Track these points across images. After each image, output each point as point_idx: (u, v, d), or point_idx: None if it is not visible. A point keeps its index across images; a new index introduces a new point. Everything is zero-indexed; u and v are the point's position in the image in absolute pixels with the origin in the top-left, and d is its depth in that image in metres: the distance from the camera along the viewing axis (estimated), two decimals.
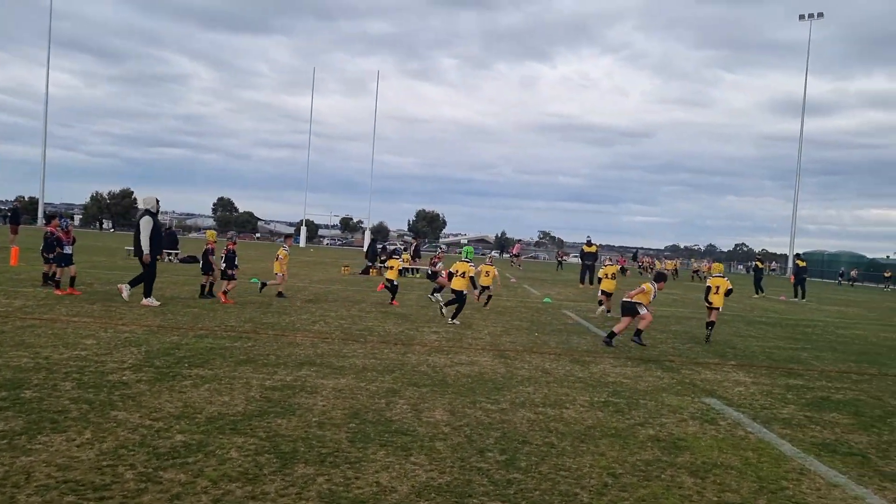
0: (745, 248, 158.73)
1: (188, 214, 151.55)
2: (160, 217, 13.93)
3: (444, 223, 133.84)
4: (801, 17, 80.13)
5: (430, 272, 18.73)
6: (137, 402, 6.12)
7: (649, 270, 52.14)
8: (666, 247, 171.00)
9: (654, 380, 8.89)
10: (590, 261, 29.91)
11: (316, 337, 10.55)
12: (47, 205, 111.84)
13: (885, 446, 6.38)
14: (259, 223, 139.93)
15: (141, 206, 13.71)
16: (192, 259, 28.51)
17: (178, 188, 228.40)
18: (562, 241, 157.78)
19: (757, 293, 31.44)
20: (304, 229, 79.29)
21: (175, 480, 4.33)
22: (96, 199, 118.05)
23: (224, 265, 15.07)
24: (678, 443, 6.00)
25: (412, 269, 29.03)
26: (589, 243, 30.25)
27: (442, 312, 14.08)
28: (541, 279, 35.35)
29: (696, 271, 52.97)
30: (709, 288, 13.74)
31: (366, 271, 28.71)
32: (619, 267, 18.09)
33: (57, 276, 14.60)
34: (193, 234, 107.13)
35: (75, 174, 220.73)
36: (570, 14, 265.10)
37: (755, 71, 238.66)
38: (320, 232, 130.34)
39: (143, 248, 13.13)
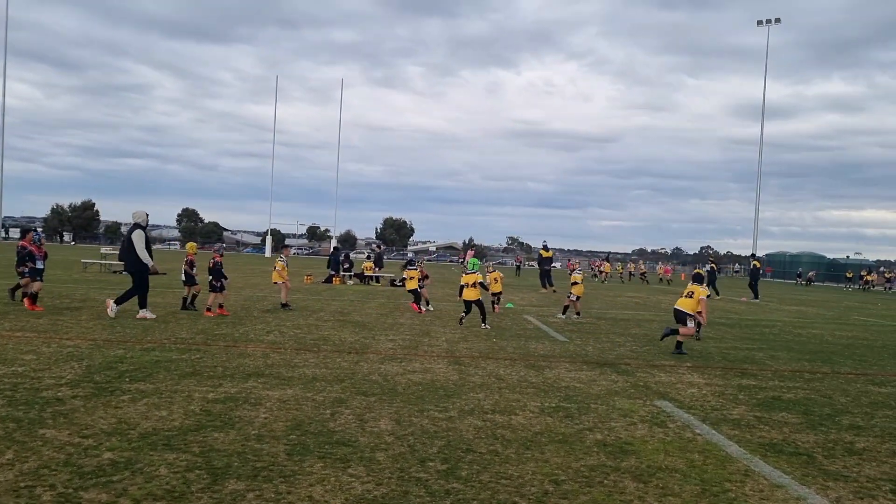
0: (711, 251, 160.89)
1: (153, 226, 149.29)
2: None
3: (412, 230, 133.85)
4: (759, 22, 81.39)
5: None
6: (69, 419, 5.90)
7: (601, 274, 51.59)
8: (633, 251, 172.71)
9: (608, 383, 8.84)
10: (547, 265, 30.40)
11: (268, 347, 10.36)
12: (7, 218, 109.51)
13: (832, 445, 6.38)
14: (225, 233, 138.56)
15: (132, 220, 13.94)
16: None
17: (143, 199, 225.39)
18: (529, 246, 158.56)
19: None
20: (269, 239, 78.61)
21: (96, 501, 4.15)
22: (57, 211, 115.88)
23: (210, 277, 14.84)
24: (625, 447, 5.93)
25: (375, 276, 28.83)
26: (545, 248, 31.55)
27: (461, 322, 14.67)
28: (505, 284, 35.28)
29: (643, 273, 53.13)
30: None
31: (328, 280, 28.45)
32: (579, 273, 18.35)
33: (32, 289, 14.11)
34: (158, 246, 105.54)
35: (36, 186, 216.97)
36: (534, 21, 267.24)
37: (717, 76, 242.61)
38: (287, 241, 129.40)
39: (144, 261, 13.36)
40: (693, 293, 11.99)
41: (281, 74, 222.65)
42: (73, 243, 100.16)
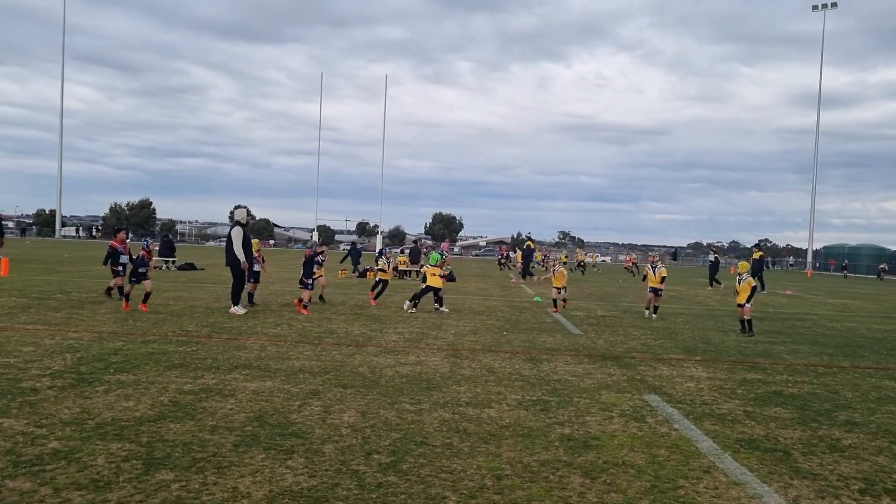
0: (769, 244, 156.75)
1: (209, 223, 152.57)
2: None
3: (461, 225, 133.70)
4: (815, 7, 79.01)
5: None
6: (34, 408, 5.97)
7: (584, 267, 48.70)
8: (688, 244, 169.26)
9: (603, 377, 8.60)
10: (530, 258, 32.01)
11: (269, 340, 10.38)
12: (72, 217, 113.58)
13: (816, 441, 6.06)
14: (277, 230, 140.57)
15: (234, 217, 14.60)
16: (189, 266, 28.55)
17: (200, 198, 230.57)
18: (581, 240, 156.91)
19: (712, 285, 30.93)
20: (315, 234, 79.54)
21: (17, 489, 4.16)
22: (115, 210, 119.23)
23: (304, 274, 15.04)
24: (590, 442, 5.73)
25: (409, 271, 28.89)
26: (531, 240, 33.76)
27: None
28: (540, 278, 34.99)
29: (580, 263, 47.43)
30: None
31: (363, 274, 28.58)
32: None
33: (128, 290, 13.88)
34: (211, 243, 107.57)
35: (98, 186, 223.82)
36: (582, 14, 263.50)
37: (773, 64, 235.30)
38: (337, 237, 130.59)
39: (239, 257, 13.91)
40: None
41: (331, 73, 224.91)
42: (129, 240, 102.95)
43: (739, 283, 14.11)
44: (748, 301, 13.61)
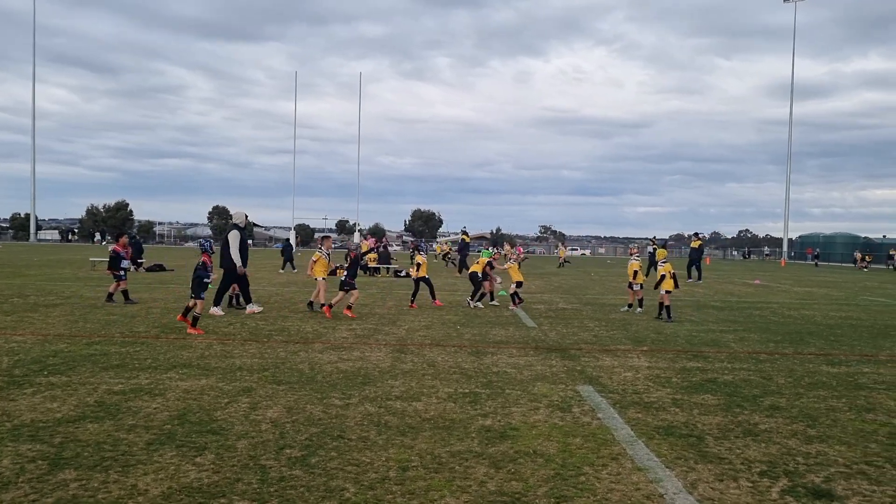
0: (749, 235, 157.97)
1: (190, 224, 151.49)
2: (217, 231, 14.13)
3: (441, 222, 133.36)
4: None
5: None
6: None
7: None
8: (670, 236, 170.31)
9: (544, 369, 8.68)
10: (466, 252, 31.68)
11: (217, 339, 10.37)
12: (51, 220, 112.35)
13: (733, 427, 6.16)
14: (257, 230, 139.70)
15: (232, 220, 14.83)
16: (158, 268, 28.41)
17: (180, 198, 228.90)
18: (563, 234, 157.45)
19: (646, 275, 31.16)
20: (293, 234, 79.24)
21: None
22: (92, 212, 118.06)
23: (345, 275, 14.58)
24: (507, 433, 5.79)
25: (377, 268, 28.95)
26: (466, 233, 33.58)
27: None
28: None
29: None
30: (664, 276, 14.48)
31: (333, 272, 28.53)
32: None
33: (197, 309, 11.22)
34: (190, 244, 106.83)
35: (77, 189, 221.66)
36: (561, 8, 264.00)
37: (750, 56, 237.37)
38: (317, 235, 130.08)
39: (235, 261, 14.03)
40: None
41: (311, 71, 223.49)
42: (104, 243, 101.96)
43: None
44: (664, 287, 14.27)
